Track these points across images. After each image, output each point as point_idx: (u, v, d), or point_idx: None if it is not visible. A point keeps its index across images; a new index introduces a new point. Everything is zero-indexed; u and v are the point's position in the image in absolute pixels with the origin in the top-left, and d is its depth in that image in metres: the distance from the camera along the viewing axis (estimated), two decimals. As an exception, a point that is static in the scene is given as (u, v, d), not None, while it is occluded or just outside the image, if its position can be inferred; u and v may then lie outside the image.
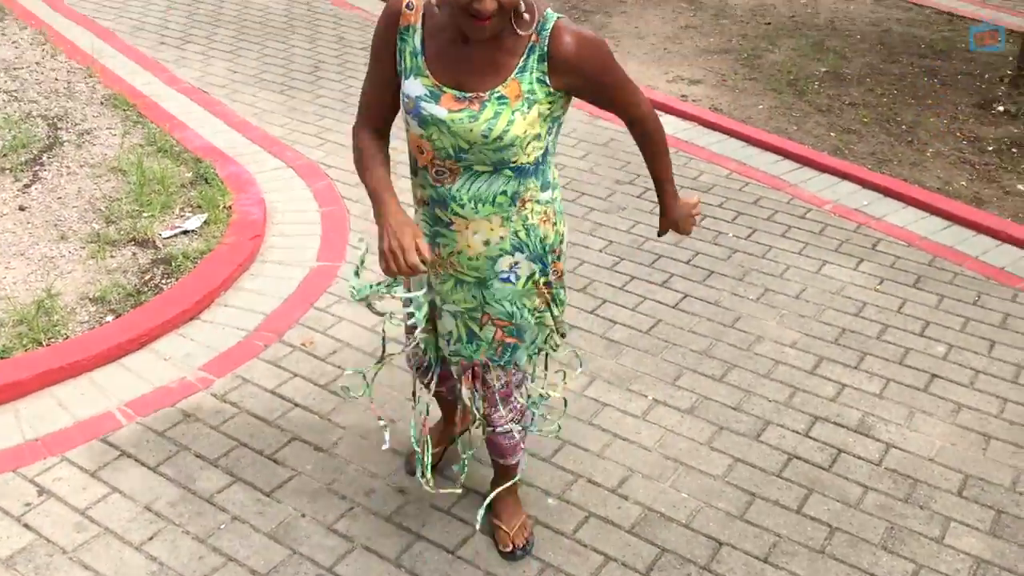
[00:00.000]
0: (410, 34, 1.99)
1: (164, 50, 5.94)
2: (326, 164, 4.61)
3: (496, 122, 1.94)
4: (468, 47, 1.94)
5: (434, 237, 2.15)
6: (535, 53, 1.93)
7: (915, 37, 6.68)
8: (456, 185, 2.05)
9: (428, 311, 2.32)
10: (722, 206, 4.37)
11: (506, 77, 1.94)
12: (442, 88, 1.96)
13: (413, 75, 2.00)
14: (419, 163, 2.09)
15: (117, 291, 3.52)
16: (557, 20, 1.94)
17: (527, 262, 2.17)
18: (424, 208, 2.16)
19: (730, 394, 3.18)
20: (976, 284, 3.87)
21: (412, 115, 2.00)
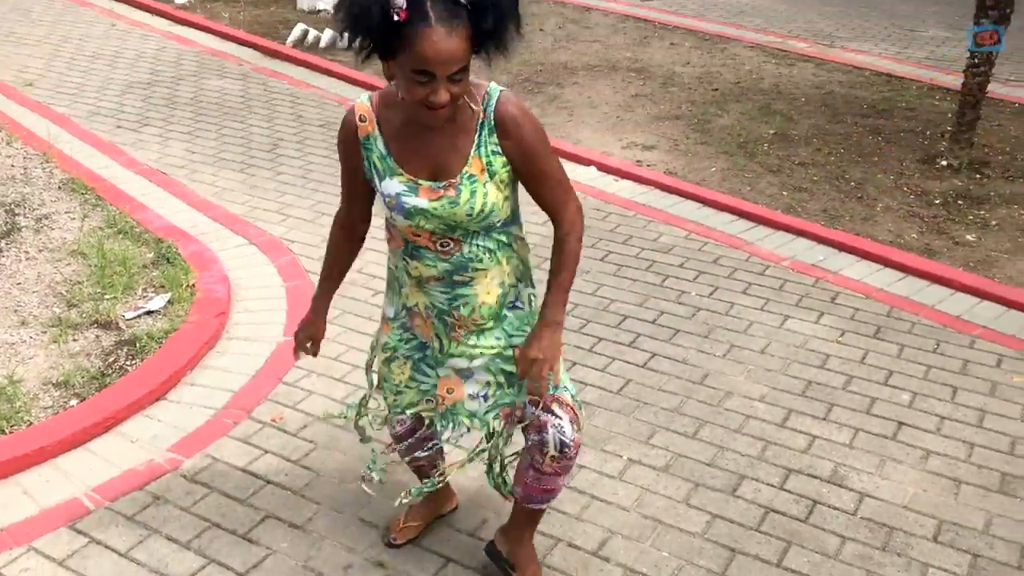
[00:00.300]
0: (372, 142, 2.13)
1: (121, 134, 5.96)
2: (289, 239, 4.62)
3: (475, 200, 2.08)
4: (429, 135, 2.07)
5: (451, 303, 2.23)
6: (485, 127, 2.07)
7: (857, 98, 6.92)
8: (466, 249, 2.17)
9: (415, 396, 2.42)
10: (683, 266, 4.44)
11: (467, 155, 2.08)
12: (417, 181, 2.10)
13: (388, 176, 2.12)
14: (418, 246, 2.17)
15: (81, 375, 3.46)
16: (500, 92, 2.07)
17: (524, 289, 2.33)
18: (437, 284, 2.22)
19: (704, 450, 3.20)
20: (934, 332, 3.96)
21: (397, 211, 2.12)
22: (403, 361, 2.38)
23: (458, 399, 2.36)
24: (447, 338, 2.29)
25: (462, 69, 1.92)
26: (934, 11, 9.83)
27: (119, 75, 7.15)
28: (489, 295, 2.22)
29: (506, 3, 1.91)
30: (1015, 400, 3.51)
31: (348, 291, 4.16)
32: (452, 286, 2.21)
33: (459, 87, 1.94)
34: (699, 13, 9.50)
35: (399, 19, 1.84)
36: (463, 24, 1.88)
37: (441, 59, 1.87)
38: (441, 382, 2.36)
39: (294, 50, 7.74)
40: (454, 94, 1.94)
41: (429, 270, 2.20)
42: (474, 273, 2.19)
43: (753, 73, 7.49)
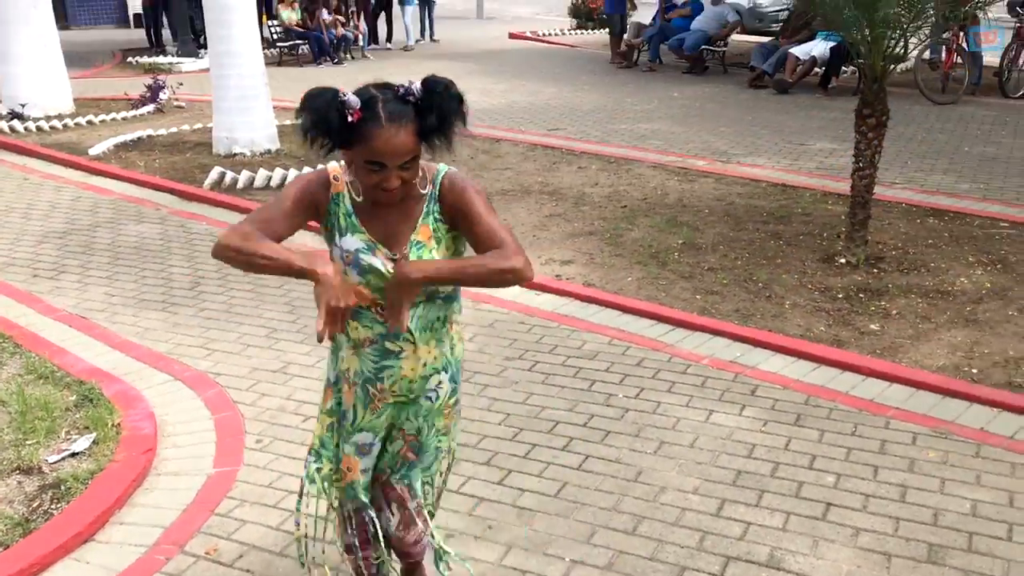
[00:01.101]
0: (340, 199, 2.33)
1: (37, 282, 5.91)
2: (215, 372, 4.60)
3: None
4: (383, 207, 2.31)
5: (377, 372, 2.38)
6: (433, 198, 2.33)
7: (756, 207, 7.31)
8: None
9: None
10: (608, 370, 4.56)
11: (416, 223, 2.31)
12: (376, 243, 2.30)
13: (349, 232, 2.31)
14: (360, 306, 2.31)
15: (3, 523, 3.35)
16: (446, 172, 2.31)
17: (448, 381, 2.49)
18: (371, 346, 2.37)
19: (644, 545, 3.23)
20: (851, 416, 4.12)
21: (352, 266, 2.30)
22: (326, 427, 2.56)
23: (354, 478, 2.53)
24: (364, 408, 2.44)
25: (411, 159, 2.18)
26: (819, 127, 10.54)
27: (33, 226, 7.12)
28: (413, 371, 2.40)
29: (448, 105, 2.15)
30: (933, 474, 3.66)
31: (279, 418, 4.16)
32: (382, 354, 2.37)
33: (408, 173, 2.20)
34: (603, 139, 9.99)
35: (353, 119, 2.08)
36: (410, 121, 2.13)
37: (391, 153, 2.13)
38: (344, 460, 2.53)
39: (212, 192, 7.85)
40: (404, 179, 2.20)
41: (366, 331, 2.36)
42: (404, 344, 2.36)
43: (658, 190, 7.86)
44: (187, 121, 10.82)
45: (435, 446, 2.56)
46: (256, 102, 9.16)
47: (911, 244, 6.35)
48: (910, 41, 5.85)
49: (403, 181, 2.19)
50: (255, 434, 4.02)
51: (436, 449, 2.57)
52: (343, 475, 2.55)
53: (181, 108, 11.78)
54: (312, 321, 5.18)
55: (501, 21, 24.82)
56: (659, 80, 14.34)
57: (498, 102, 12.37)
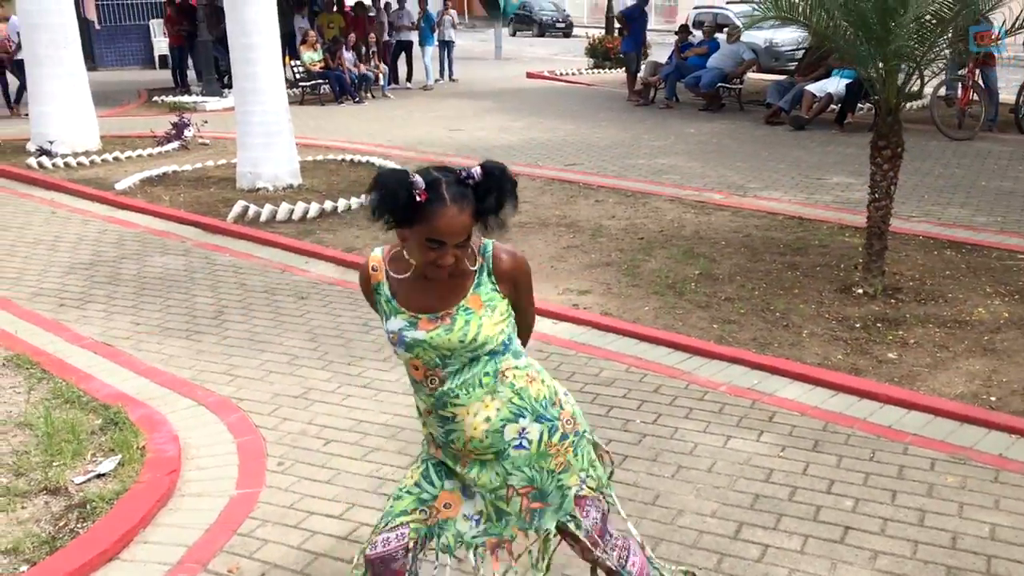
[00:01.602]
0: (380, 288, 2.46)
1: (64, 311, 6.02)
2: (238, 398, 4.67)
3: (468, 328, 2.37)
4: (432, 282, 2.39)
5: (447, 436, 2.45)
6: (484, 271, 2.42)
7: (773, 239, 7.35)
8: (447, 385, 2.41)
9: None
10: (626, 396, 4.60)
11: (465, 294, 2.40)
12: (417, 316, 2.40)
13: (392, 315, 2.43)
14: (416, 379, 2.46)
15: (31, 540, 3.41)
16: (493, 245, 2.44)
17: (533, 424, 2.45)
18: (430, 417, 2.47)
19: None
20: (869, 443, 4.13)
21: (399, 345, 2.41)
22: (418, 464, 2.57)
23: (452, 515, 2.51)
24: (454, 463, 2.50)
25: (467, 238, 2.31)
26: (835, 162, 10.60)
27: (60, 258, 7.27)
28: (476, 430, 2.42)
29: (506, 189, 2.28)
30: (951, 499, 3.66)
31: (300, 442, 4.21)
32: (441, 420, 2.45)
33: (462, 251, 2.34)
34: (620, 174, 10.08)
35: (420, 200, 2.22)
36: (470, 203, 2.26)
37: (452, 232, 2.26)
38: (442, 495, 2.51)
39: (236, 225, 7.98)
40: (459, 257, 2.33)
41: (423, 403, 2.47)
42: (455, 409, 2.41)
43: (675, 222, 7.93)
44: (211, 157, 11.02)
45: (556, 486, 2.51)
46: (279, 138, 9.34)
47: (928, 275, 6.37)
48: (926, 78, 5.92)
49: (458, 260, 2.32)
50: (277, 457, 4.08)
51: (559, 489, 2.51)
52: (434, 511, 2.51)
53: (206, 145, 11.99)
54: (332, 349, 5.26)
55: (519, 61, 25.14)
56: (676, 117, 14.48)
57: (516, 139, 12.52)
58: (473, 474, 2.47)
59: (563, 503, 2.53)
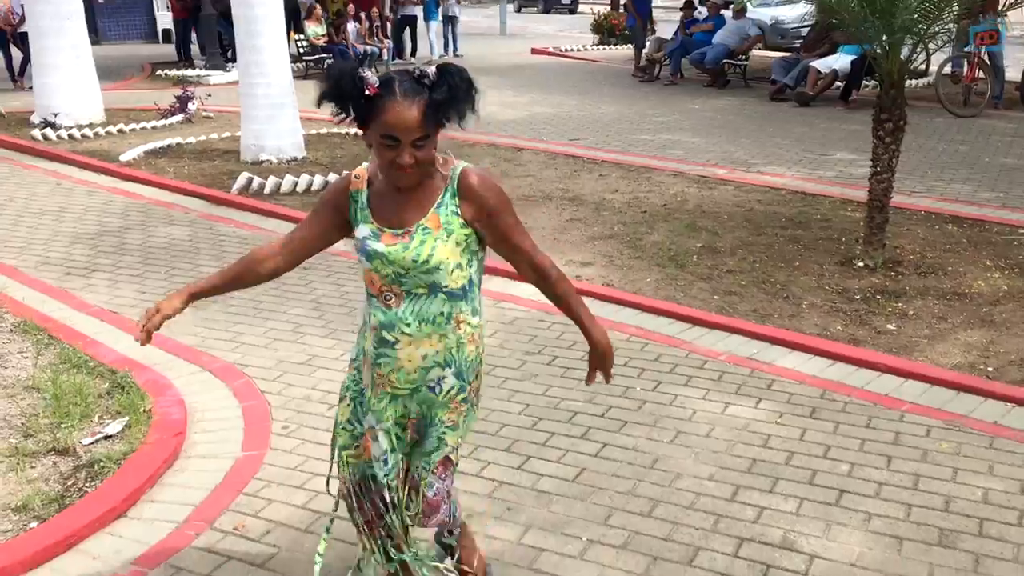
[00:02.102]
0: (358, 195, 2.49)
1: (71, 280, 6.07)
2: (243, 364, 4.72)
3: (422, 249, 2.40)
4: (401, 195, 2.41)
5: (376, 359, 2.49)
6: (448, 191, 2.44)
7: (776, 213, 7.38)
8: (402, 308, 2.45)
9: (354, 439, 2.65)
10: (627, 364, 4.64)
11: (427, 212, 2.43)
12: (382, 229, 2.44)
13: (362, 222, 2.47)
14: (371, 292, 2.49)
15: (40, 498, 3.47)
16: (464, 166, 2.43)
17: (452, 377, 2.52)
18: (373, 333, 2.49)
19: (659, 527, 3.31)
20: (866, 410, 4.18)
21: (361, 252, 2.46)
22: (348, 403, 2.65)
23: (368, 457, 2.62)
24: (371, 389, 2.55)
25: (423, 137, 2.29)
26: (839, 138, 10.59)
27: (66, 228, 7.30)
28: (411, 363, 2.48)
29: (459, 84, 2.29)
30: (946, 464, 3.71)
31: (304, 407, 4.27)
32: (380, 341, 2.48)
33: (422, 153, 2.31)
34: (624, 149, 10.09)
35: (370, 93, 2.25)
36: (424, 99, 2.26)
37: (404, 126, 2.26)
38: (366, 433, 2.61)
39: (240, 196, 8.01)
40: (418, 158, 2.31)
41: (373, 318, 2.49)
42: (399, 335, 2.46)
43: (678, 197, 7.95)
44: (215, 130, 11.04)
45: (437, 435, 2.57)
46: (283, 111, 9.35)
47: (929, 249, 6.39)
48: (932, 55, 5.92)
49: (417, 162, 2.31)
50: (281, 421, 4.14)
51: (438, 439, 2.58)
52: (362, 450, 2.64)
53: (209, 118, 12.00)
54: (336, 318, 5.31)
55: (524, 37, 25.05)
56: (680, 93, 14.45)
57: (521, 114, 12.51)
58: (382, 405, 2.55)
59: (433, 453, 2.60)
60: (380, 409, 2.56)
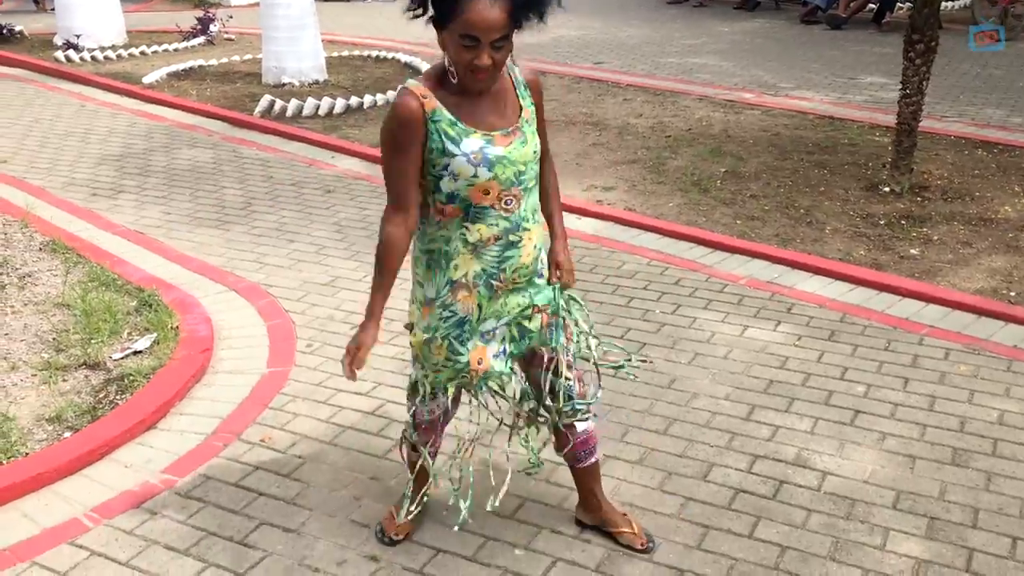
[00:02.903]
0: (439, 114, 2.39)
1: (97, 201, 6.13)
2: (267, 284, 4.79)
3: (536, 139, 2.49)
4: (481, 100, 2.42)
5: (500, 264, 2.50)
6: (520, 85, 2.50)
7: (802, 138, 7.28)
8: (523, 207, 2.49)
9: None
10: (646, 288, 4.67)
11: (520, 107, 2.48)
12: (491, 133, 2.42)
13: (464, 137, 2.39)
14: (484, 204, 2.44)
15: (73, 410, 3.58)
16: (516, 64, 2.51)
17: (544, 255, 2.63)
18: (496, 243, 2.48)
19: (674, 444, 3.37)
20: (885, 333, 4.19)
21: (482, 164, 2.39)
22: (440, 342, 2.56)
23: (487, 367, 2.60)
24: (488, 301, 2.53)
25: (503, 38, 2.27)
26: (871, 62, 10.37)
27: (91, 149, 7.35)
28: (528, 256, 2.53)
29: None
30: (962, 386, 3.73)
31: (328, 326, 4.34)
32: (506, 247, 2.49)
33: (500, 55, 2.30)
34: (649, 72, 9.95)
35: None
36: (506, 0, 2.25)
37: (485, 25, 2.23)
38: (472, 356, 2.58)
39: (262, 119, 8.01)
40: (496, 60, 2.29)
41: (491, 230, 2.46)
42: (523, 233, 2.49)
43: (703, 121, 7.86)
44: (237, 52, 10.97)
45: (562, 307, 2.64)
46: (304, 33, 9.26)
47: (957, 174, 6.31)
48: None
49: (494, 63, 2.29)
50: (306, 339, 4.21)
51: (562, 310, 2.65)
52: (472, 373, 2.59)
53: (231, 40, 11.91)
54: (359, 240, 5.34)
55: (550, -42, 24.45)
56: (709, 16, 14.15)
57: (545, 37, 12.29)
58: (503, 300, 2.55)
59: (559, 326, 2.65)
60: (502, 303, 2.55)
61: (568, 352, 2.68)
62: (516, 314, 2.58)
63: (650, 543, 2.83)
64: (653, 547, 2.83)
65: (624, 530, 2.85)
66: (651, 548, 2.83)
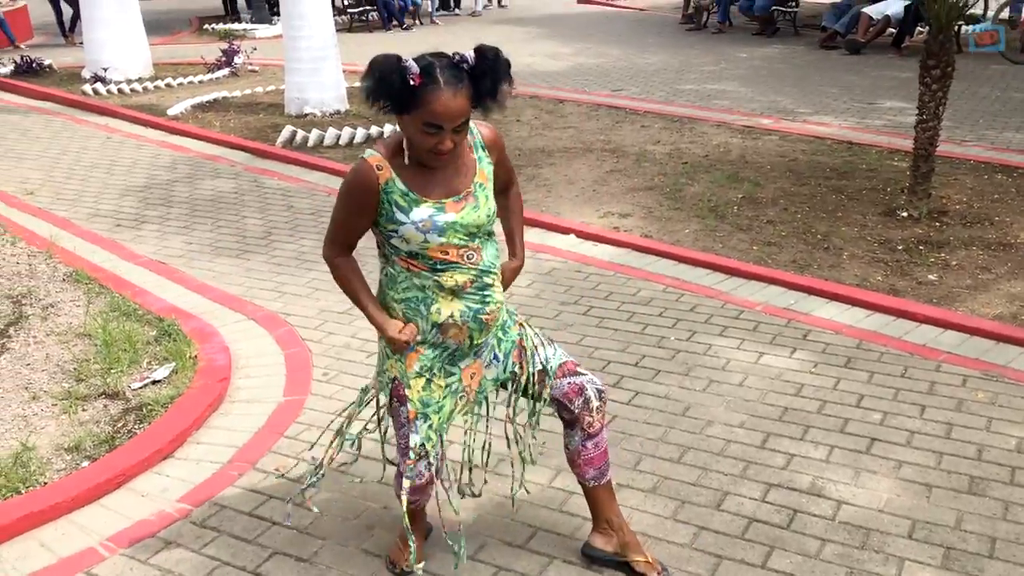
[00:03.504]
0: (391, 185, 2.45)
1: (120, 231, 6.23)
2: (285, 313, 4.83)
3: (490, 203, 2.55)
4: (438, 167, 2.49)
5: (484, 303, 2.57)
6: (478, 147, 2.58)
7: (820, 163, 7.28)
8: (485, 255, 2.56)
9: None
10: (662, 315, 4.67)
11: (474, 170, 2.54)
12: (441, 202, 2.48)
13: (414, 207, 2.46)
14: (448, 261, 2.51)
15: (91, 439, 3.63)
16: (473, 122, 2.53)
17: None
18: (472, 285, 2.56)
19: (688, 472, 3.36)
20: (902, 360, 4.16)
21: (432, 231, 2.46)
22: (438, 374, 2.62)
23: (480, 377, 2.68)
24: (480, 332, 2.61)
25: (464, 122, 2.37)
26: (890, 86, 10.36)
27: (116, 181, 7.48)
28: (500, 294, 2.64)
29: (501, 71, 2.35)
30: (980, 414, 3.70)
31: (344, 355, 4.37)
32: (482, 287, 2.57)
33: (459, 136, 2.40)
34: (667, 99, 9.99)
35: (414, 83, 2.27)
36: (465, 86, 2.32)
37: (449, 115, 2.31)
38: (464, 373, 2.65)
39: (284, 150, 8.11)
40: (456, 142, 2.39)
41: (465, 275, 2.53)
42: (493, 276, 2.60)
43: (720, 147, 7.87)
44: (260, 84, 11.13)
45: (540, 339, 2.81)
46: (326, 64, 9.39)
47: (976, 199, 6.27)
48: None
49: (455, 145, 2.38)
50: (322, 368, 4.24)
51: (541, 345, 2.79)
52: (467, 391, 2.67)
53: (255, 72, 12.10)
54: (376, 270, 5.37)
55: (570, -14, 24.66)
56: (728, 42, 14.20)
57: (564, 65, 12.41)
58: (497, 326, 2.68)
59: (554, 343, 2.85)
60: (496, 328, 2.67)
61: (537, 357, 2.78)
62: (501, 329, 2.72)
63: (664, 572, 2.82)
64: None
65: (638, 559, 2.84)
66: None
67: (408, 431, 2.63)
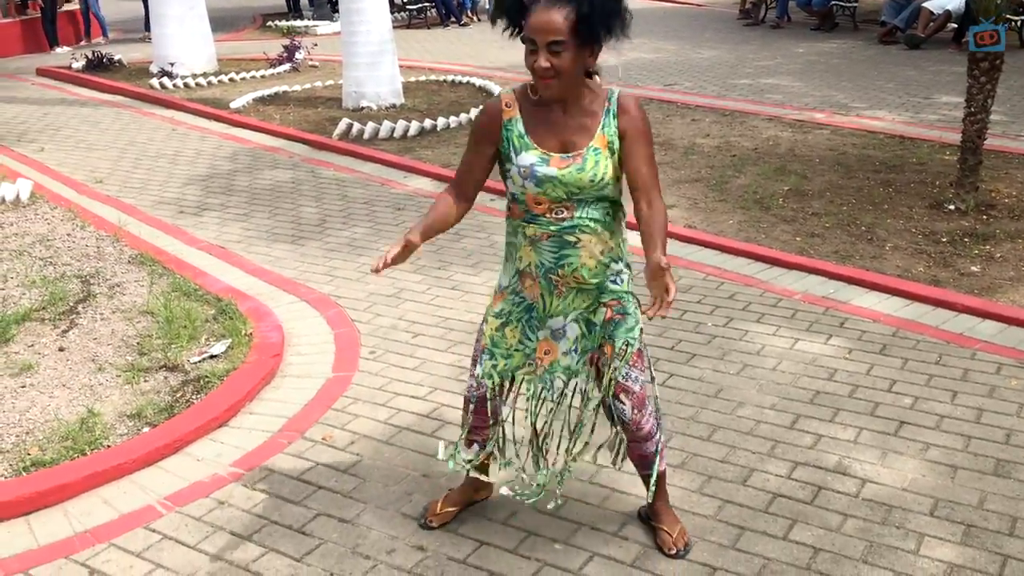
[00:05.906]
0: (513, 124, 2.62)
1: (183, 218, 6.51)
2: (336, 296, 5.04)
3: (598, 168, 2.56)
4: (562, 118, 2.57)
5: (558, 261, 2.65)
6: (610, 113, 2.58)
7: (869, 157, 7.27)
8: (577, 214, 2.59)
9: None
10: (700, 302, 4.76)
11: (594, 133, 2.57)
12: (549, 154, 2.58)
13: (524, 150, 2.59)
14: (535, 212, 2.63)
15: (152, 407, 3.86)
16: (619, 92, 2.61)
17: (625, 270, 2.74)
18: (543, 242, 2.65)
19: (717, 450, 3.46)
20: (937, 348, 4.20)
21: (530, 179, 2.58)
22: (515, 325, 2.79)
23: (554, 359, 2.78)
24: (550, 296, 2.70)
25: (559, 43, 2.42)
26: (948, 81, 10.23)
27: (180, 171, 7.79)
28: (590, 259, 2.63)
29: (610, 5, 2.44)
30: (1012, 400, 3.73)
31: (391, 335, 4.55)
32: (561, 244, 2.62)
33: (558, 60, 2.44)
34: (720, 94, 10.01)
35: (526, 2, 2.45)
36: (566, 8, 2.41)
37: (541, 28, 2.42)
38: (540, 345, 2.78)
39: (340, 142, 8.35)
40: (553, 64, 2.44)
41: (543, 229, 2.63)
42: (579, 235, 2.60)
43: (770, 141, 7.89)
44: (320, 78, 11.42)
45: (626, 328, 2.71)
46: (383, 58, 9.62)
47: (1027, 192, 6.23)
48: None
49: (553, 68, 2.42)
50: (370, 347, 4.43)
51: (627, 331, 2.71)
52: (539, 361, 2.79)
53: (315, 67, 12.40)
54: (425, 254, 5.56)
55: (628, -18, 24.64)
56: (785, 37, 14.12)
57: (619, 60, 12.48)
58: (569, 299, 2.70)
59: (633, 328, 2.73)
60: (567, 303, 2.70)
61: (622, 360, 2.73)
62: (583, 308, 2.72)
63: (679, 552, 2.90)
64: (683, 554, 2.90)
65: (664, 528, 2.94)
66: (679, 555, 2.90)
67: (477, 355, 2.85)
